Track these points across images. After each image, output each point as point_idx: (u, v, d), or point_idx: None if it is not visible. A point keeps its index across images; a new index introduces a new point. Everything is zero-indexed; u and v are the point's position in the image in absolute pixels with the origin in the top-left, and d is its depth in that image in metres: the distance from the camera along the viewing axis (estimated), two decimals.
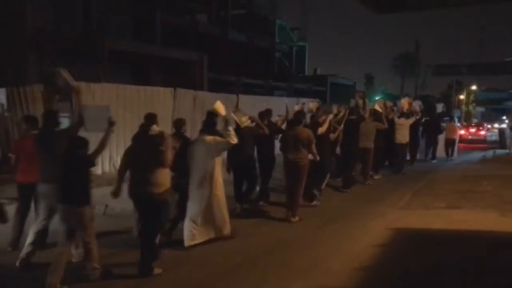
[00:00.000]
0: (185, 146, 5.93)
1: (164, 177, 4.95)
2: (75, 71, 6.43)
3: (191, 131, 12.75)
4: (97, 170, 10.88)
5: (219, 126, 6.24)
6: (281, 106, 10.06)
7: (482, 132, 28.16)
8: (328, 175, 9.30)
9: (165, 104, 12.06)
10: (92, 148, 4.73)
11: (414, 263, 5.37)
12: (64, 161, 4.59)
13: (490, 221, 7.12)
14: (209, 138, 5.94)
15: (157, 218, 4.95)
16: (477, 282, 4.79)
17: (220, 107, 6.19)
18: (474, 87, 55.48)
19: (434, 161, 15.04)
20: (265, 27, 33.50)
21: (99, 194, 6.27)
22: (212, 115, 6.20)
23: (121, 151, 11.22)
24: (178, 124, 6.33)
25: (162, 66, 20.10)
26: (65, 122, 7.12)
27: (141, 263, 4.84)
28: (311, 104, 10.59)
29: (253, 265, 5.27)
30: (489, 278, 4.91)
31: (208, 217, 5.92)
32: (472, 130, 28.52)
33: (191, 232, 5.81)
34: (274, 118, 8.83)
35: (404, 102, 13.41)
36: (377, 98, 15.40)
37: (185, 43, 23.99)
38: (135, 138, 5.32)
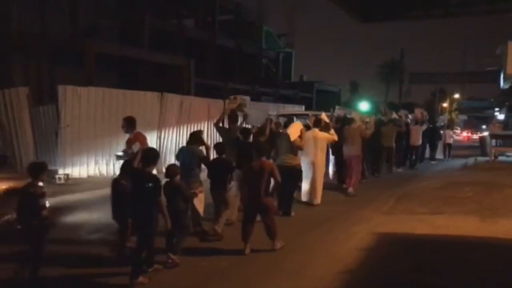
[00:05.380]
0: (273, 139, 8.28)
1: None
2: (61, 75, 6.67)
3: (177, 135, 12.79)
4: (83, 173, 10.86)
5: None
6: (267, 111, 10.80)
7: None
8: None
9: (151, 108, 12.07)
10: None
11: (397, 267, 5.47)
12: (242, 143, 7.45)
13: (471, 227, 7.27)
14: (320, 133, 8.78)
15: (294, 180, 8.15)
16: (458, 285, 4.91)
17: (325, 116, 9.47)
18: (457, 96, 56.33)
19: (433, 162, 17.31)
20: (252, 33, 33.61)
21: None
22: (319, 119, 9.10)
23: (106, 156, 11.25)
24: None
25: (150, 70, 20.05)
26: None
27: (283, 209, 7.84)
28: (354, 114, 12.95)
29: (239, 269, 5.33)
30: (471, 280, 5.04)
31: (312, 187, 8.75)
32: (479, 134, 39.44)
33: (308, 196, 8.80)
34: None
35: (418, 112, 16.21)
36: (361, 104, 16.64)
37: (173, 47, 23.98)
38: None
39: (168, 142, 12.51)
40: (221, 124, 8.33)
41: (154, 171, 5.21)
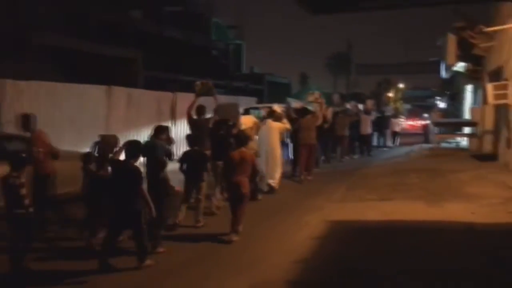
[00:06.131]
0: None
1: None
2: (1, 68, 6.35)
3: (126, 129, 12.46)
4: None
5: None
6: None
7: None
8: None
9: (98, 102, 11.67)
10: None
11: (349, 254, 5.60)
12: (216, 136, 7.83)
13: (417, 212, 7.58)
14: (273, 123, 9.51)
15: None
16: (409, 269, 5.09)
17: (277, 108, 10.47)
18: (401, 85, 58.35)
19: (385, 149, 18.52)
20: (201, 25, 33.23)
21: None
22: (272, 111, 9.99)
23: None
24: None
25: (96, 63, 19.36)
26: None
27: None
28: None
29: (196, 264, 5.30)
30: (420, 264, 5.24)
31: (271, 173, 9.23)
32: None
33: (271, 181, 9.17)
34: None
35: (369, 103, 18.42)
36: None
37: (120, 39, 23.27)
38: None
39: None
40: (195, 116, 8.55)
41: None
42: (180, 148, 13.47)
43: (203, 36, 32.87)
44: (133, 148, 5.34)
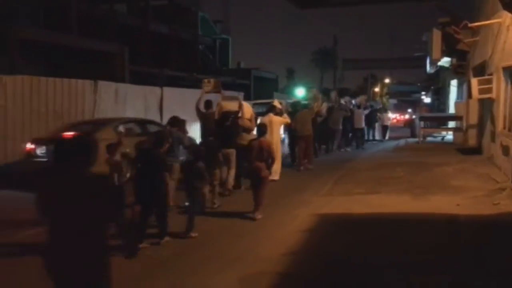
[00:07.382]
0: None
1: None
2: None
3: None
4: None
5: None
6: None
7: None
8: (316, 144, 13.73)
9: (84, 97, 11.55)
10: None
11: (336, 245, 5.65)
12: (223, 126, 8.69)
13: (404, 204, 7.66)
14: (274, 117, 10.02)
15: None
16: (395, 261, 5.16)
17: (277, 103, 11.07)
18: (387, 80, 58.73)
19: (374, 142, 19.22)
20: (187, 19, 32.98)
21: None
22: (273, 106, 10.67)
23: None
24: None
25: (80, 58, 19.11)
26: None
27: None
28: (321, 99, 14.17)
29: (183, 258, 5.29)
30: (404, 255, 5.31)
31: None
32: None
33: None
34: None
35: (362, 99, 19.15)
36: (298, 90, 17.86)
37: (104, 34, 22.99)
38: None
39: None
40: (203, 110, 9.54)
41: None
42: None
43: (189, 31, 32.62)
44: (161, 137, 5.99)
